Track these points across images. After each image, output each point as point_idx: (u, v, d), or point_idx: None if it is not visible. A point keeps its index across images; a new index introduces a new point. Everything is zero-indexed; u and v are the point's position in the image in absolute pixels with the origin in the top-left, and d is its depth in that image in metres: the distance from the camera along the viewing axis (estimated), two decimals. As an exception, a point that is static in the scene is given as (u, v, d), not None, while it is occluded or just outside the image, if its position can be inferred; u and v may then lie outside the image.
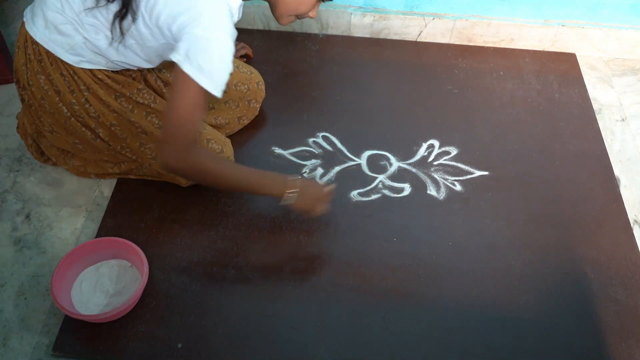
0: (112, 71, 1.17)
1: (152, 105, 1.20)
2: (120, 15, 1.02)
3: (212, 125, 1.36)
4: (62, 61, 1.12)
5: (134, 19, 1.02)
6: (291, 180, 1.14)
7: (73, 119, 1.18)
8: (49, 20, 1.08)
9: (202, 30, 0.96)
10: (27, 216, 1.27)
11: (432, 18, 1.69)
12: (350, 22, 1.72)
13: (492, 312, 1.14)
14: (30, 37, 1.12)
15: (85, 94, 1.15)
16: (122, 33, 1.04)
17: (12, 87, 1.54)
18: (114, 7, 1.02)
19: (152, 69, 1.25)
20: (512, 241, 1.26)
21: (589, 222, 1.30)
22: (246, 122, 1.44)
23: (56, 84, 1.14)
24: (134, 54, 1.11)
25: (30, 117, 1.24)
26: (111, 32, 1.05)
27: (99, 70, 1.15)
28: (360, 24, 1.72)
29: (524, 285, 1.19)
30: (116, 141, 1.22)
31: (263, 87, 1.43)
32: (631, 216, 1.32)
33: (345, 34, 1.75)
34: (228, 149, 1.28)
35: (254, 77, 1.41)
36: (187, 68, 0.96)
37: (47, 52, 1.11)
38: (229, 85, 1.35)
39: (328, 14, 1.71)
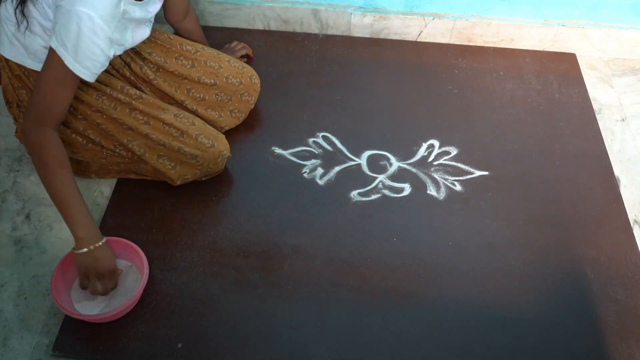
0: None
1: (133, 103, 1.20)
2: (20, 1, 1.04)
3: (205, 119, 1.35)
4: (34, 72, 1.13)
5: (33, 3, 1.04)
6: (96, 236, 1.07)
7: (62, 126, 1.19)
8: (8, 36, 1.10)
9: (66, 3, 0.97)
10: (27, 216, 1.27)
11: (432, 18, 1.69)
12: (350, 22, 1.72)
13: (492, 312, 1.14)
14: (2, 56, 1.15)
15: None
16: (24, 17, 1.06)
17: (12, 87, 1.54)
18: None
19: (136, 57, 1.26)
20: (512, 241, 1.26)
21: (589, 222, 1.30)
22: (241, 116, 1.43)
23: None
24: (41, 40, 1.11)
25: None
26: (15, 18, 1.06)
27: None
28: (360, 24, 1.72)
29: (524, 285, 1.19)
30: (107, 140, 1.22)
31: (257, 81, 1.43)
32: (631, 216, 1.32)
33: (345, 34, 1.75)
34: (221, 143, 1.26)
35: (246, 71, 1.41)
36: (52, 41, 0.99)
37: (19, 65, 1.14)
38: (220, 77, 1.36)
39: (328, 14, 1.71)
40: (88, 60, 1.02)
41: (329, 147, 1.43)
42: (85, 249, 1.05)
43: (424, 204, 1.32)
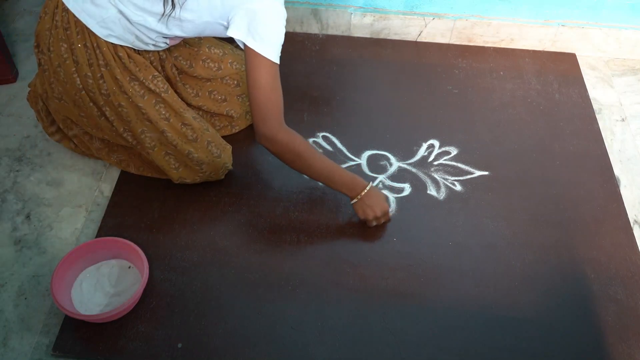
0: (134, 50, 1.17)
1: (162, 94, 1.20)
2: None
3: (223, 115, 1.38)
4: (89, 32, 1.12)
5: None
6: (360, 186, 1.21)
7: (84, 92, 1.19)
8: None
9: (257, 3, 1.04)
10: (27, 216, 1.27)
11: (432, 18, 1.69)
12: (350, 22, 1.72)
13: (492, 312, 1.14)
14: (62, 4, 1.12)
15: (102, 69, 1.15)
16: (173, 5, 1.07)
17: (12, 87, 1.54)
18: None
19: (170, 55, 1.26)
20: (512, 241, 1.26)
21: (589, 222, 1.30)
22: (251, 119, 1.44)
23: (77, 54, 1.14)
24: (179, 30, 1.13)
25: (42, 79, 1.25)
26: (164, 4, 1.07)
27: (122, 47, 1.15)
28: (360, 24, 1.72)
29: (524, 285, 1.19)
30: (120, 122, 1.21)
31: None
32: (631, 216, 1.32)
33: (345, 34, 1.75)
34: (227, 155, 1.27)
35: None
36: (252, 44, 1.05)
37: (77, 21, 1.12)
38: (244, 79, 1.37)
39: (328, 14, 1.71)
40: (278, 45, 1.09)
41: (329, 147, 1.43)
42: (356, 199, 1.21)
43: (424, 204, 1.32)
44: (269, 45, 1.06)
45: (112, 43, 1.14)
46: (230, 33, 1.07)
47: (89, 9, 1.10)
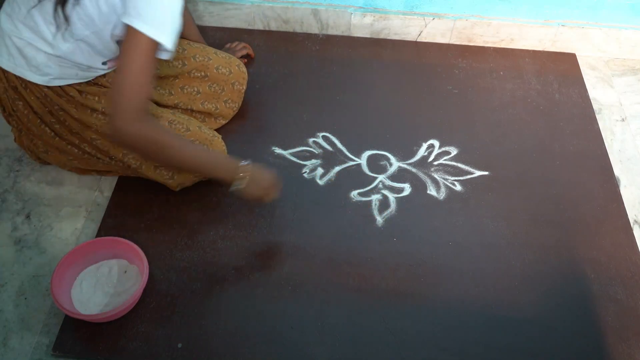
0: (85, 83, 1.16)
1: None
2: (61, 1, 1.00)
3: (201, 112, 1.37)
4: (32, 84, 1.12)
5: (77, 1, 1.00)
6: (242, 165, 1.12)
7: (58, 138, 1.20)
8: (9, 46, 1.09)
9: None
10: (27, 216, 1.27)
11: (432, 18, 1.69)
12: (350, 22, 1.72)
13: (492, 312, 1.14)
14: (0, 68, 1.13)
15: (61, 112, 1.15)
16: (66, 19, 1.01)
17: (12, 87, 1.54)
18: None
19: None
20: (512, 241, 1.26)
21: (589, 222, 1.30)
22: (234, 106, 1.44)
23: (33, 106, 1.15)
24: (88, 46, 1.09)
25: (24, 139, 1.27)
26: (54, 20, 1.02)
27: (70, 86, 1.14)
28: (360, 24, 1.72)
29: (524, 285, 1.19)
30: (102, 153, 1.22)
31: (244, 69, 1.44)
32: (631, 216, 1.32)
33: (345, 34, 1.75)
34: (216, 146, 1.25)
35: (234, 61, 1.42)
36: (134, 22, 0.93)
37: (17, 77, 1.12)
38: (210, 69, 1.36)
39: (328, 14, 1.71)
40: (169, 24, 0.97)
41: (329, 147, 1.43)
42: (246, 175, 1.11)
43: (424, 204, 1.32)
44: (148, 19, 0.94)
45: (58, 86, 1.13)
46: (122, 19, 0.96)
47: (21, 62, 1.10)
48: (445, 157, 1.42)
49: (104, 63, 1.16)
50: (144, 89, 0.99)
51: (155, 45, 0.96)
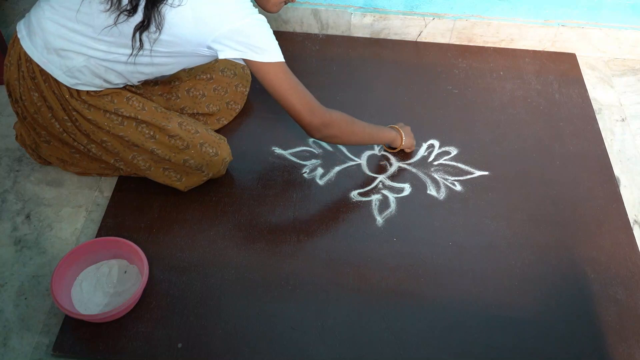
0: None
1: (139, 116, 1.18)
2: (142, 27, 1.02)
3: (204, 114, 1.38)
4: (55, 81, 1.12)
5: (159, 29, 1.02)
6: (395, 125, 1.37)
7: (65, 134, 1.20)
8: (50, 44, 1.08)
9: (237, 22, 1.03)
10: (27, 216, 1.27)
11: (432, 18, 1.69)
12: (350, 22, 1.72)
13: (492, 312, 1.14)
14: (25, 55, 1.11)
15: (74, 113, 1.15)
16: (141, 45, 1.05)
17: (12, 87, 1.53)
18: (136, 20, 1.01)
19: None
20: (512, 241, 1.26)
21: (589, 222, 1.30)
22: (236, 107, 1.45)
23: (49, 100, 1.15)
24: (157, 67, 1.12)
25: (26, 128, 1.26)
26: (132, 45, 1.04)
27: (87, 92, 1.14)
28: (360, 24, 1.72)
29: (524, 285, 1.19)
30: (109, 155, 1.23)
31: (248, 71, 1.46)
32: (631, 216, 1.32)
33: (345, 34, 1.75)
34: (223, 150, 1.27)
35: (238, 63, 1.41)
36: (264, 58, 1.07)
37: (42, 70, 1.11)
38: (215, 71, 1.38)
39: (328, 14, 1.71)
40: (275, 44, 1.09)
41: (329, 147, 1.43)
42: (399, 142, 1.37)
43: (424, 204, 1.32)
44: (267, 50, 1.07)
45: (76, 90, 1.13)
46: (224, 56, 1.06)
47: (55, 60, 1.09)
48: (445, 157, 1.42)
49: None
50: (305, 93, 1.14)
51: (283, 63, 1.10)
